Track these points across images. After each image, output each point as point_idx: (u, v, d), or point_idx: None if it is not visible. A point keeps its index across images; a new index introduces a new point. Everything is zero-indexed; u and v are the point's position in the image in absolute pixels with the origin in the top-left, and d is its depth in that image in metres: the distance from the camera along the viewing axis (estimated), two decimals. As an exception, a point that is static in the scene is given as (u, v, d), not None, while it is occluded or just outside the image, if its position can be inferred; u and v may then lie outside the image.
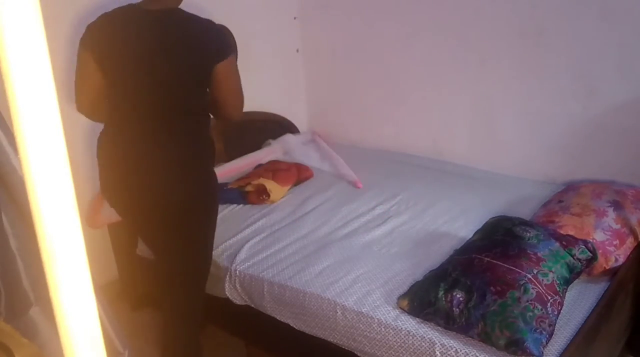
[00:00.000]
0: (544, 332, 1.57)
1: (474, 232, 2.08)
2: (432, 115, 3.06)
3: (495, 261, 1.76)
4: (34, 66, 0.39)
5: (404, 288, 1.88)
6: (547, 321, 1.60)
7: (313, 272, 2.05)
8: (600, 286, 1.92)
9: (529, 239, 1.85)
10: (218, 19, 2.86)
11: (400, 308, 1.80)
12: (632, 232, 2.08)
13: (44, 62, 0.39)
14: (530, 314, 1.59)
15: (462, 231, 2.24)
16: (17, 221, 1.11)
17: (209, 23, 1.77)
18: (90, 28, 1.77)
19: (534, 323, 1.57)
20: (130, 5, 1.78)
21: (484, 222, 2.11)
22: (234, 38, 2.22)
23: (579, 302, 1.84)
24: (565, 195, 2.34)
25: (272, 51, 3.27)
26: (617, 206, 2.16)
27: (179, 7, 1.79)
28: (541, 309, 1.61)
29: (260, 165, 2.91)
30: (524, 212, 2.30)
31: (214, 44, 1.74)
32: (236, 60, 1.84)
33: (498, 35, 2.70)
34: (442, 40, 2.89)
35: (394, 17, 3.01)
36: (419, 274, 1.93)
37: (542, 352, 1.55)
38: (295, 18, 3.36)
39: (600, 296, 1.86)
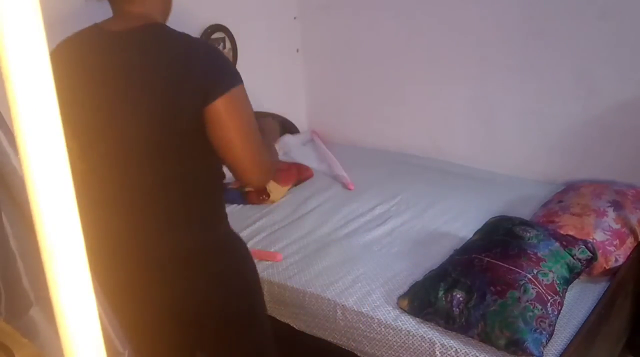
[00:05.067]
0: (544, 332, 1.57)
1: (474, 232, 2.08)
2: (432, 115, 3.06)
3: (495, 261, 1.76)
4: (34, 66, 0.39)
5: (404, 288, 1.88)
6: (547, 321, 1.60)
7: (313, 272, 2.05)
8: (600, 286, 1.92)
9: (529, 239, 1.85)
10: (218, 19, 2.87)
11: (400, 308, 1.80)
12: (632, 232, 2.08)
13: (44, 62, 0.39)
14: (530, 314, 1.59)
15: (462, 231, 2.24)
16: (17, 221, 1.11)
17: (202, 42, 1.27)
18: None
19: (534, 323, 1.57)
20: (93, 26, 1.25)
21: (483, 222, 2.11)
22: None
23: (579, 302, 1.84)
24: (565, 195, 2.34)
25: (272, 51, 3.27)
26: (617, 206, 2.16)
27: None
28: (541, 309, 1.61)
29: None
30: (524, 212, 2.30)
31: (214, 71, 1.17)
32: (245, 93, 1.22)
33: (498, 35, 2.70)
34: (442, 40, 2.89)
35: (394, 17, 3.01)
36: (419, 274, 1.93)
37: (542, 353, 1.55)
38: (295, 18, 3.35)
39: (600, 296, 1.86)
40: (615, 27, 2.38)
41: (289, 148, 3.17)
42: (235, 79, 1.19)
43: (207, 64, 1.17)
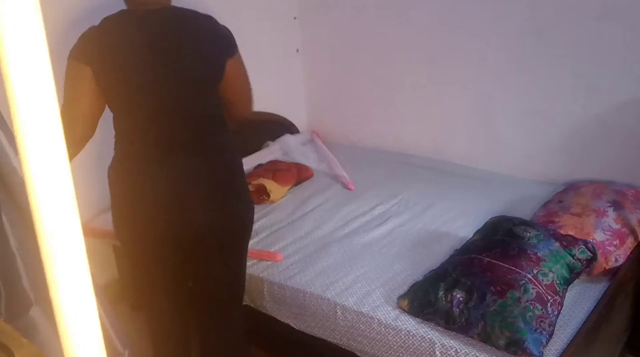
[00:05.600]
0: (544, 332, 1.57)
1: (474, 232, 2.08)
2: (432, 115, 3.06)
3: (495, 261, 1.76)
4: (34, 66, 0.39)
5: (404, 288, 1.88)
6: (547, 321, 1.60)
7: (313, 272, 2.05)
8: (600, 286, 1.92)
9: (528, 239, 1.85)
10: (218, 19, 2.87)
11: (400, 308, 1.80)
12: (632, 232, 2.08)
13: (44, 62, 0.39)
14: (530, 314, 1.59)
15: (462, 231, 2.24)
16: (17, 221, 1.11)
17: (211, 18, 1.64)
18: (85, 37, 1.51)
19: (534, 323, 1.57)
20: (122, 11, 1.57)
21: (483, 222, 2.11)
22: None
23: (579, 302, 1.84)
24: (565, 195, 2.34)
25: (272, 51, 3.27)
26: (617, 206, 2.16)
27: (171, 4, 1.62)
28: (541, 309, 1.61)
29: (260, 165, 2.91)
30: (524, 212, 2.30)
31: (225, 38, 1.63)
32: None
33: (498, 34, 2.70)
34: (442, 39, 2.89)
35: (394, 17, 3.01)
36: (419, 274, 1.93)
37: (542, 353, 1.55)
38: (295, 18, 3.36)
39: (600, 296, 1.86)
40: (615, 27, 2.38)
41: (289, 148, 3.17)
42: (236, 44, 1.66)
43: (224, 32, 1.65)
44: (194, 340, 1.88)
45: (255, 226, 2.39)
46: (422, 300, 1.75)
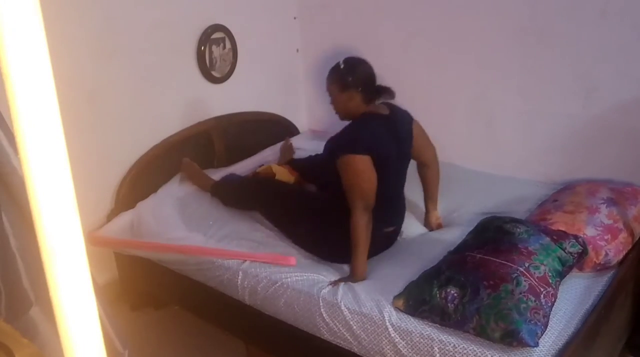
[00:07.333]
0: (538, 324, 1.58)
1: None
2: (432, 115, 3.05)
3: (487, 257, 1.76)
4: (34, 66, 0.39)
5: (400, 288, 1.88)
6: (541, 312, 1.60)
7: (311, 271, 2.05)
8: (601, 285, 1.92)
9: (519, 235, 1.85)
10: (218, 19, 2.88)
11: (396, 307, 1.80)
12: (627, 227, 2.08)
13: (44, 62, 0.39)
14: (524, 305, 1.59)
15: (459, 232, 2.23)
16: (17, 221, 1.11)
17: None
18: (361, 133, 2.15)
19: (528, 314, 1.58)
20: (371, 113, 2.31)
21: (481, 223, 2.10)
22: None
23: (579, 301, 1.84)
24: (561, 194, 2.34)
25: (272, 51, 3.27)
26: (611, 202, 2.16)
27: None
28: (534, 301, 1.61)
29: (263, 165, 2.91)
30: (522, 212, 2.30)
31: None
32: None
33: (498, 35, 2.70)
34: (441, 39, 2.89)
35: (393, 17, 3.01)
36: (414, 274, 1.93)
37: (537, 343, 1.55)
38: (295, 18, 3.36)
39: (601, 296, 1.86)
40: (615, 26, 2.38)
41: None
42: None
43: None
44: None
45: (256, 226, 2.39)
46: (417, 298, 1.75)
